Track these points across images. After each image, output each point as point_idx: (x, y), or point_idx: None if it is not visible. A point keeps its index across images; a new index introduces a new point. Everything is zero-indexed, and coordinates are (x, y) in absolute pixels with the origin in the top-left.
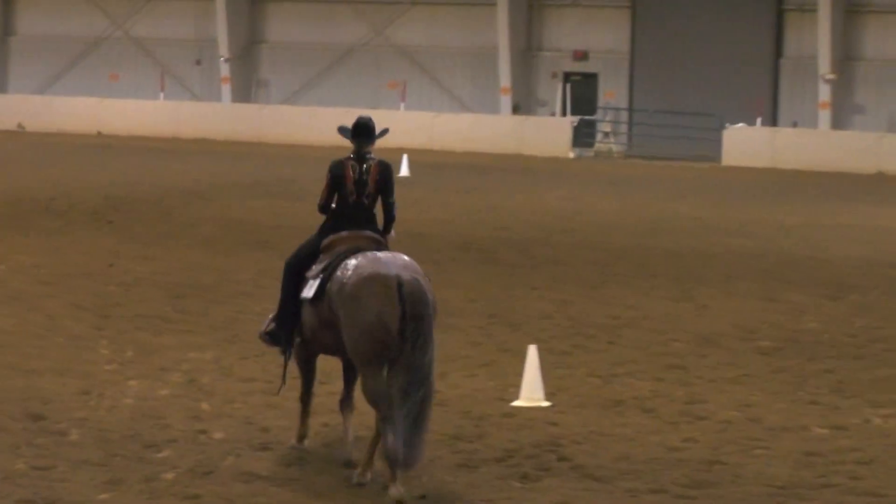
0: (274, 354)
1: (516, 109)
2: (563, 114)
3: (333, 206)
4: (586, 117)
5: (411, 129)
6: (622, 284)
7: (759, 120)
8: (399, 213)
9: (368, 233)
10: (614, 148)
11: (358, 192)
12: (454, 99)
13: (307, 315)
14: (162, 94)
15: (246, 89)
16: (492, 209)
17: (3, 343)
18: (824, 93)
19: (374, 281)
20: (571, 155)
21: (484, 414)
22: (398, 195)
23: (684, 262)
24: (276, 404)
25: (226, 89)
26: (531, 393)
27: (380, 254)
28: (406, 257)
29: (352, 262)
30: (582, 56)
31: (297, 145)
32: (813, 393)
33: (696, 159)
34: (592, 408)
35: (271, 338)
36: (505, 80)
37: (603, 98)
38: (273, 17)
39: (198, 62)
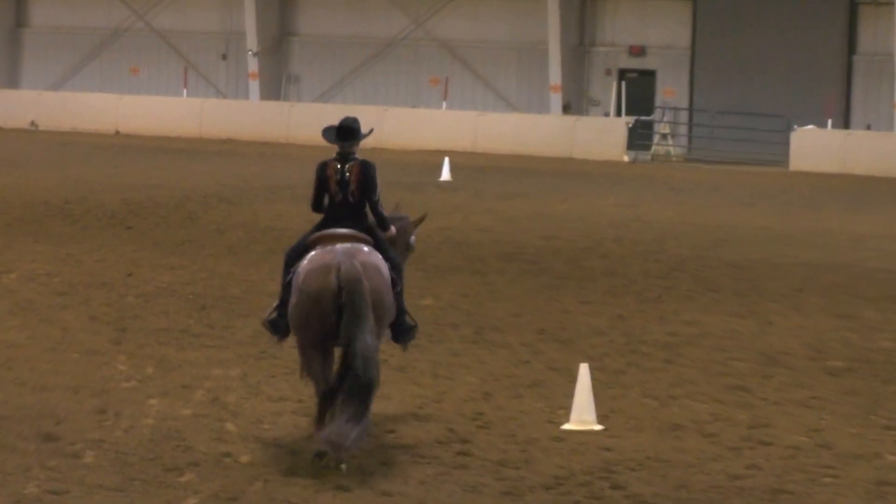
0: None
1: (567, 109)
2: (618, 114)
3: (326, 204)
4: (643, 118)
5: (453, 129)
6: (681, 298)
7: (829, 121)
8: (441, 220)
9: (349, 231)
10: (673, 151)
11: (342, 192)
12: (500, 97)
13: None
14: (185, 91)
15: (275, 86)
16: (540, 216)
17: (13, 357)
18: None
19: (318, 268)
20: (626, 158)
21: (531, 438)
22: (441, 201)
23: (748, 274)
24: (307, 426)
25: (254, 86)
26: (582, 415)
27: (338, 246)
28: (365, 248)
29: (310, 254)
30: (639, 52)
31: (329, 146)
32: (887, 417)
33: (761, 163)
34: (648, 432)
35: (272, 326)
36: (555, 77)
37: (661, 97)
38: (305, 8)
39: (224, 56)
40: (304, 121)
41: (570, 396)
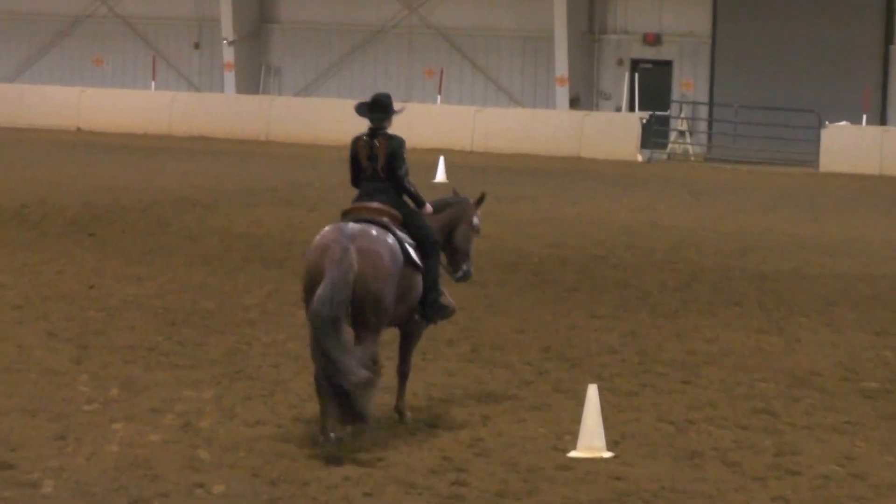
0: (284, 393)
1: (575, 103)
2: (631, 109)
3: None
4: (658, 113)
5: (450, 125)
6: (700, 313)
7: (864, 117)
8: None
9: (376, 204)
10: (691, 149)
11: (372, 166)
12: (501, 90)
13: None
14: (153, 83)
15: (253, 78)
16: (545, 221)
17: None
18: None
19: (319, 246)
20: (640, 158)
21: (535, 466)
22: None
23: (775, 286)
24: (287, 452)
25: (229, 77)
26: (591, 441)
27: (349, 226)
28: (373, 232)
29: (325, 228)
30: (654, 40)
31: (313, 144)
32: None
33: (789, 164)
34: (664, 459)
35: None
36: (562, 68)
37: (679, 90)
38: None
39: (196, 45)
40: (284, 116)
41: (578, 421)
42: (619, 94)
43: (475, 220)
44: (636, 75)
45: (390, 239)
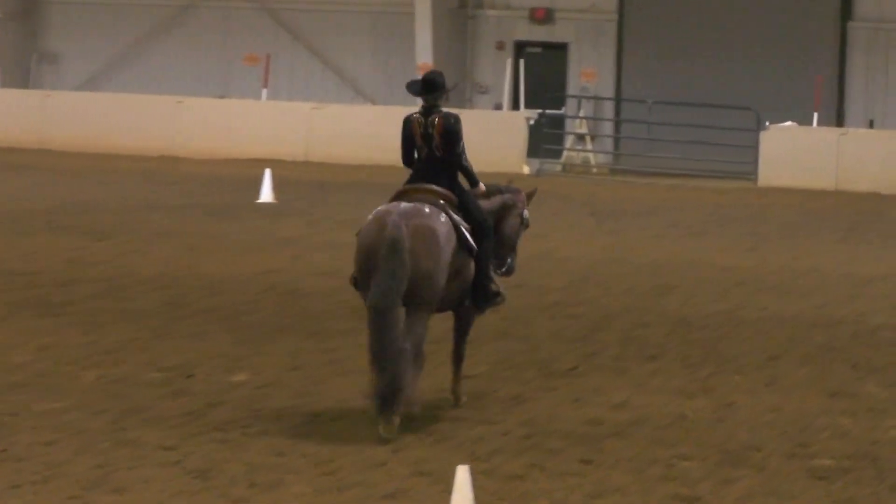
0: (61, 479)
1: None
2: (515, 106)
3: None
4: (550, 112)
5: (279, 128)
6: (606, 370)
7: (816, 116)
8: (261, 260)
9: (431, 186)
10: (594, 158)
11: (427, 146)
12: (345, 82)
13: None
14: None
15: (22, 68)
16: None
17: None
18: None
19: (372, 223)
20: (527, 169)
21: None
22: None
23: (702, 335)
24: None
25: None
26: None
27: (402, 205)
28: (426, 209)
29: (378, 207)
30: (544, 17)
31: (100, 154)
32: None
33: (720, 176)
34: None
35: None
36: (425, 53)
37: (577, 82)
38: None
39: None
40: (63, 117)
41: None
42: (499, 87)
43: (525, 213)
44: (521, 62)
45: (443, 217)
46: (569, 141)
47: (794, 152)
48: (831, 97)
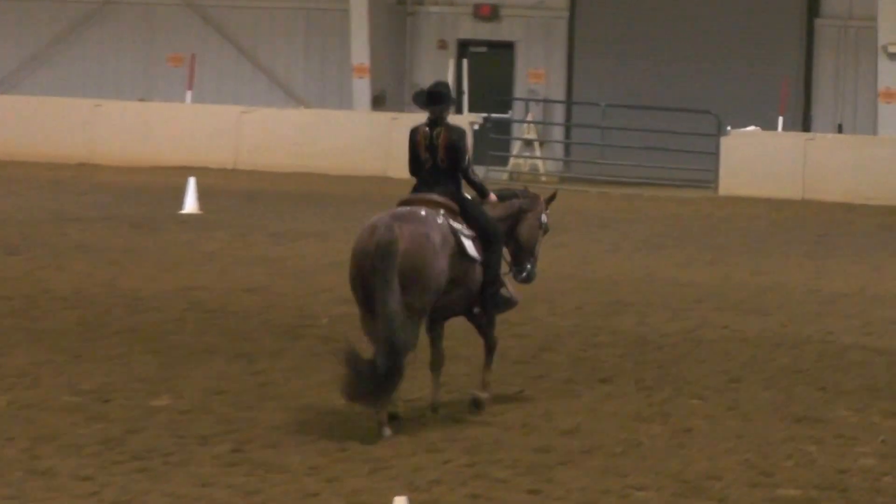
0: None
1: (380, 102)
2: (458, 110)
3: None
4: (496, 116)
5: (204, 133)
6: (554, 394)
7: (781, 120)
8: (184, 276)
9: (433, 196)
10: (542, 166)
11: (431, 157)
12: (275, 84)
13: None
14: None
15: None
16: (338, 268)
17: None
18: (888, 75)
19: (365, 228)
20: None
21: None
22: None
23: (658, 356)
24: None
25: None
26: None
27: (398, 209)
28: (422, 213)
29: (376, 215)
30: (489, 13)
31: (10, 161)
32: None
33: (678, 184)
34: None
35: None
36: (361, 53)
37: (525, 84)
38: None
39: None
40: None
41: None
42: None
43: (543, 218)
44: (465, 62)
45: (440, 221)
46: (516, 147)
47: (757, 159)
48: (797, 100)
